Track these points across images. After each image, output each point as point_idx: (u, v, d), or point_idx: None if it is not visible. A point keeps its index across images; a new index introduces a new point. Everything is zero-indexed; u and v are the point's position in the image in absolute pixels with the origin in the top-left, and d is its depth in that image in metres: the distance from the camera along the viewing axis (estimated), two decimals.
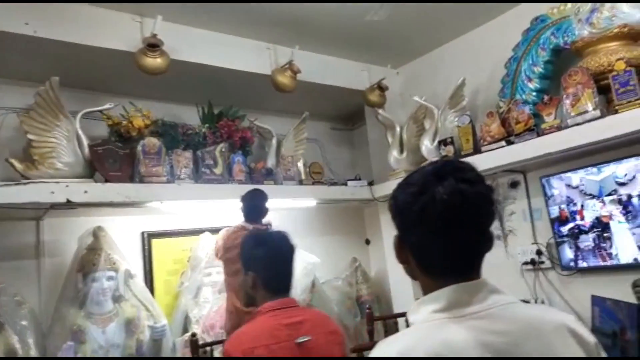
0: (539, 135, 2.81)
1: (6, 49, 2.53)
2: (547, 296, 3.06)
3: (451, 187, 0.86)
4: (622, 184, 2.61)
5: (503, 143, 2.98)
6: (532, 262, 3.09)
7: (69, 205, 2.52)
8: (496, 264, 3.30)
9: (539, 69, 3.03)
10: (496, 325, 0.84)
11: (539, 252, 3.08)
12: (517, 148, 2.89)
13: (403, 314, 3.57)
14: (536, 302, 3.02)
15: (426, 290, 0.91)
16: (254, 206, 2.89)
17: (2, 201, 2.29)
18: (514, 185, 3.29)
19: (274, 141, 3.55)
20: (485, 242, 0.93)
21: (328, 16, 3.06)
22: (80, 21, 2.58)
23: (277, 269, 1.81)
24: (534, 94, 3.03)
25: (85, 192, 2.52)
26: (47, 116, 2.56)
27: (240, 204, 2.89)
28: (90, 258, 2.79)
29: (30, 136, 2.54)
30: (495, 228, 3.28)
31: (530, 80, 3.07)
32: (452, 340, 0.81)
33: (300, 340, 1.67)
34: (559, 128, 2.72)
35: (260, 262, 1.79)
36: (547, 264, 3.05)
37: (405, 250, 0.94)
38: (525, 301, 2.88)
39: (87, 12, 2.61)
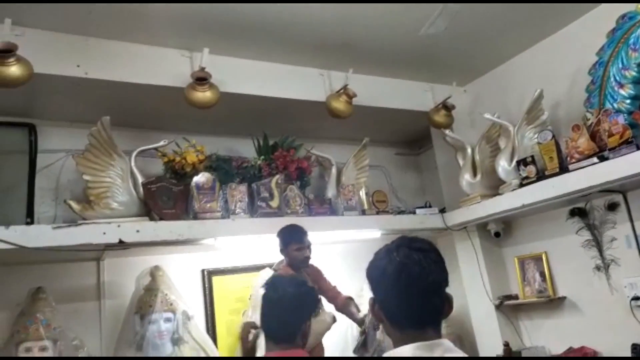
0: (639, 148, 2.40)
1: (60, 92, 2.59)
2: None
3: (404, 252, 1.08)
4: None
5: (595, 159, 2.59)
6: None
7: (122, 245, 2.47)
8: (598, 300, 2.89)
9: (631, 73, 2.64)
10: None
11: None
12: (612, 164, 2.50)
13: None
14: None
15: (395, 344, 1.07)
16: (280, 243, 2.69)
17: (56, 244, 2.27)
18: (612, 207, 2.85)
19: (334, 170, 3.36)
20: (442, 303, 1.08)
21: (382, 36, 2.88)
22: (129, 60, 2.58)
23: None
24: (628, 101, 2.63)
25: (138, 231, 2.46)
26: (101, 156, 2.56)
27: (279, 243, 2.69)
28: (147, 299, 2.71)
29: (85, 177, 2.55)
30: (593, 257, 2.89)
31: (621, 86, 2.67)
32: None
33: None
34: None
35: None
36: None
37: (377, 308, 1.10)
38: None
39: (135, 51, 2.61)
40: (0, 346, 2.42)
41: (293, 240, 2.65)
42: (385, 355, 1.07)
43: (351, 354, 3.19)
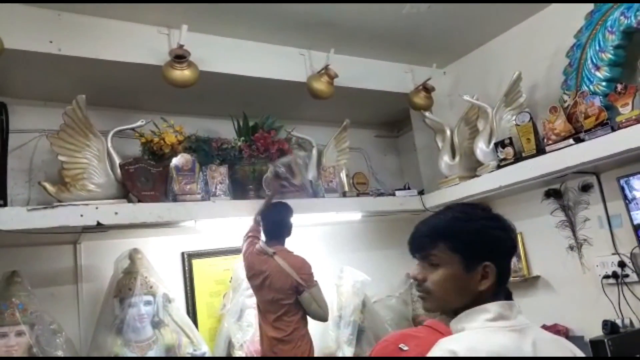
0: (613, 129, 2.47)
1: (32, 69, 2.48)
2: (637, 314, 2.65)
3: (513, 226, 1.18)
4: None
5: (571, 141, 2.64)
6: (614, 275, 2.71)
7: (100, 227, 2.41)
8: (570, 279, 2.98)
9: (607, 55, 2.68)
10: (528, 338, 1.04)
11: (621, 264, 2.69)
12: (588, 146, 2.55)
13: None
14: (622, 322, 2.63)
15: (476, 303, 1.09)
16: (277, 222, 2.71)
17: (31, 226, 2.20)
18: (585, 188, 2.93)
19: (314, 152, 3.35)
20: None
21: (364, 16, 2.85)
22: (105, 36, 2.50)
23: None
24: (604, 83, 2.68)
25: (116, 213, 2.41)
26: (77, 136, 2.48)
27: (260, 221, 2.71)
28: (126, 282, 2.67)
29: (61, 158, 2.47)
30: (567, 237, 2.97)
31: (598, 68, 2.72)
32: (504, 345, 1.01)
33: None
34: (639, 120, 2.35)
35: None
36: (633, 277, 2.65)
37: (493, 274, 1.10)
38: (610, 322, 2.53)
39: (111, 26, 2.52)
40: None
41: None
42: (474, 310, 1.08)
43: (330, 334, 3.22)
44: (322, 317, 2.68)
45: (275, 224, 2.71)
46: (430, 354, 1.02)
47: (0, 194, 2.50)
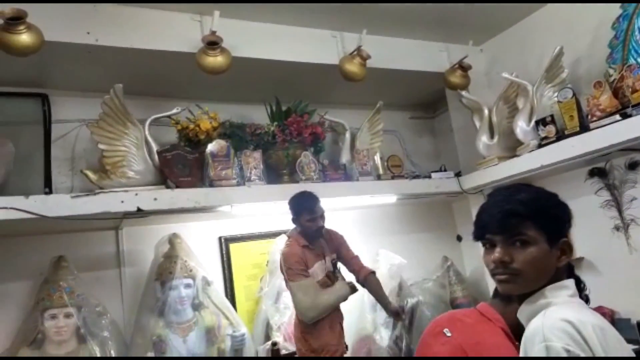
0: None
1: (71, 61, 2.55)
2: None
3: None
4: None
5: (617, 117, 2.52)
6: None
7: (140, 213, 2.48)
8: (617, 260, 2.87)
9: None
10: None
11: None
12: (635, 122, 2.43)
13: None
14: None
15: (553, 280, 1.14)
16: (293, 211, 2.68)
17: (74, 213, 2.28)
18: (633, 166, 2.79)
19: (348, 135, 3.33)
20: None
21: None
22: (139, 25, 2.53)
23: None
24: None
25: (155, 199, 2.46)
26: (116, 125, 2.54)
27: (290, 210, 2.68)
28: (167, 266, 2.74)
29: (101, 146, 2.53)
30: (612, 218, 2.85)
31: None
32: (595, 320, 1.02)
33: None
34: None
35: None
36: None
37: (571, 249, 1.18)
38: None
39: (146, 16, 2.55)
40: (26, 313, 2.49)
41: (304, 210, 2.62)
42: (556, 285, 1.13)
43: (367, 317, 3.23)
44: (301, 315, 2.55)
45: (292, 212, 2.68)
46: (539, 323, 1.03)
47: (45, 183, 2.61)
